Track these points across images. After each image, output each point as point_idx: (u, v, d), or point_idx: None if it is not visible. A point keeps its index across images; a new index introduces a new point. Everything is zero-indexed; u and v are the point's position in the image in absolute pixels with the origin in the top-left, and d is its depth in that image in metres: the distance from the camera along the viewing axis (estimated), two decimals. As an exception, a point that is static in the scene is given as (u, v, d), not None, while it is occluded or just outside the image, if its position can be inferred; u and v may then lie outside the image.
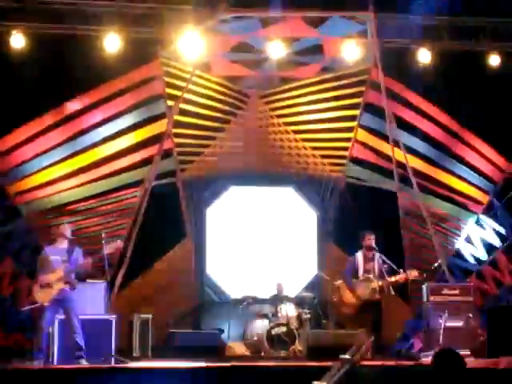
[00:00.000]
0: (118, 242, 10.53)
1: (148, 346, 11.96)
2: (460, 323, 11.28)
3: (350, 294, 11.59)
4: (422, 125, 13.72)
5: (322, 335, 11.44)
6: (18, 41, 12.15)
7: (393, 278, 11.43)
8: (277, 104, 14.18)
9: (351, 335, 10.73)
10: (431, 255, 13.57)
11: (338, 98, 13.90)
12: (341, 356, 8.19)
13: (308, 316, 12.84)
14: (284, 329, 12.30)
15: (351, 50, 12.92)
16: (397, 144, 13.37)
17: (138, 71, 12.96)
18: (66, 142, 12.92)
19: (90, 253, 10.60)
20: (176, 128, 13.62)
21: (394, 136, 13.38)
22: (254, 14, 12.44)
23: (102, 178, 13.25)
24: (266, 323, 12.54)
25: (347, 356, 8.37)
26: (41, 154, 12.83)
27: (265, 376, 8.97)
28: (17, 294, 12.50)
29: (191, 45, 12.36)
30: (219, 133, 14.17)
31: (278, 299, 13.00)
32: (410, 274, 11.61)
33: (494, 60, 13.07)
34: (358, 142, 14.22)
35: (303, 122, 14.25)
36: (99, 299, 11.03)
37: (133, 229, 13.03)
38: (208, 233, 14.73)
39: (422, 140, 13.79)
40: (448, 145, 13.84)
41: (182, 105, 13.39)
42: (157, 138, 13.34)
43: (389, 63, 12.94)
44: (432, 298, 11.54)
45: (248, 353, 12.42)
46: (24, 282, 12.34)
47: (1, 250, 12.55)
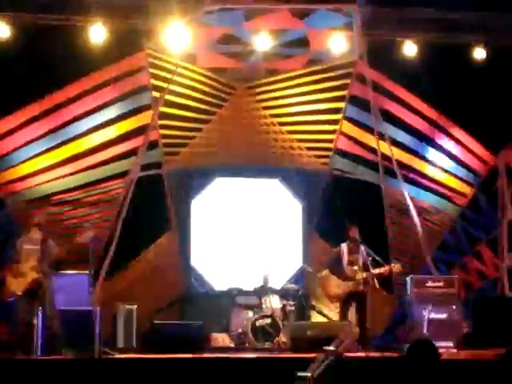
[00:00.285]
0: (89, 232, 10.43)
1: (132, 336, 11.97)
2: (444, 315, 11.35)
3: (335, 286, 11.63)
4: (407, 117, 13.75)
5: (306, 327, 11.47)
6: (2, 30, 12.08)
7: (377, 270, 11.48)
8: (263, 96, 14.16)
9: (335, 327, 10.77)
10: (416, 248, 13.62)
11: (323, 91, 13.90)
12: (325, 348, 8.23)
13: (292, 308, 12.88)
14: (268, 320, 12.33)
15: (337, 43, 12.91)
16: (382, 136, 13.40)
17: (123, 62, 12.91)
18: (50, 132, 12.86)
19: (68, 243, 10.58)
20: (162, 119, 13.58)
21: (380, 128, 13.41)
22: (239, 6, 12.41)
23: (86, 168, 13.21)
24: (250, 315, 12.57)
25: (331, 348, 8.41)
26: (25, 144, 12.77)
27: (249, 367, 9.01)
28: (1, 285, 12.44)
29: (177, 36, 12.32)
30: (205, 124, 14.14)
31: (262, 291, 13.03)
32: (394, 266, 11.66)
33: (479, 53, 13.11)
34: (343, 134, 14.23)
35: (289, 114, 14.25)
36: (83, 290, 11.02)
37: (117, 220, 13.00)
38: (193, 224, 14.73)
39: (406, 132, 13.83)
40: (433, 137, 13.90)
41: (167, 96, 13.36)
42: (142, 130, 13.30)
43: (374, 56, 12.96)
44: (416, 290, 11.60)
45: (232, 344, 12.45)
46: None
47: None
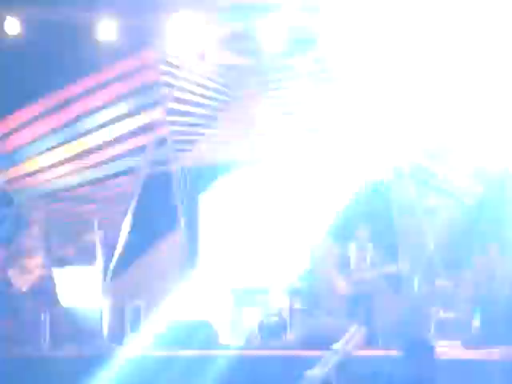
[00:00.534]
0: (98, 233, 10.43)
1: (140, 334, 11.95)
2: (452, 314, 11.31)
3: (342, 285, 11.60)
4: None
5: (313, 325, 11.44)
6: (12, 26, 12.07)
7: (385, 269, 11.44)
8: (271, 93, 14.13)
9: (343, 326, 10.73)
10: (424, 246, 13.58)
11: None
12: (333, 346, 8.19)
13: (300, 306, 12.85)
14: (276, 319, 12.30)
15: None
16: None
17: (132, 59, 12.92)
18: (59, 128, 12.88)
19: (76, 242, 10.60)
20: (171, 116, 13.58)
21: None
22: (250, 2, 12.39)
23: (95, 165, 13.22)
24: (258, 313, 12.54)
25: (339, 346, 8.37)
26: (33, 140, 12.79)
27: (257, 365, 8.99)
28: (8, 280, 12.45)
29: (186, 33, 12.30)
30: (214, 121, 14.13)
31: (270, 289, 13.00)
32: (403, 265, 11.63)
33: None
34: (352, 132, 14.19)
35: (300, 112, 14.21)
36: (90, 287, 11.01)
37: (126, 217, 13.00)
38: (201, 221, 14.70)
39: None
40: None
41: (176, 93, 13.35)
42: (151, 126, 13.30)
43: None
44: (424, 289, 11.57)
45: (240, 342, 12.42)
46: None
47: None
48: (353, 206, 13.70)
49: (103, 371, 8.78)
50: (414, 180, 13.50)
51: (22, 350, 9.61)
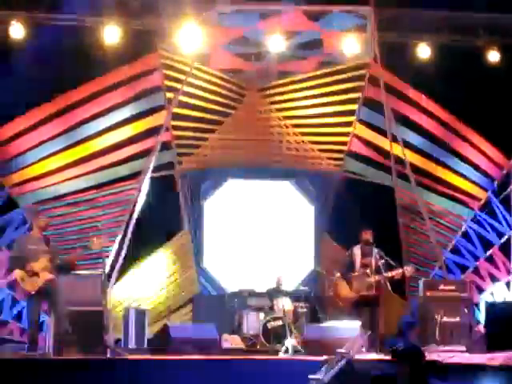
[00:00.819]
0: (102, 241, 10.40)
1: (144, 338, 11.96)
2: (456, 319, 11.30)
3: (347, 289, 11.57)
4: (421, 120, 13.71)
5: (318, 329, 11.44)
6: (17, 30, 12.10)
7: (389, 273, 11.41)
8: (275, 98, 14.15)
9: (347, 330, 10.73)
10: (428, 251, 13.59)
11: (336, 93, 13.88)
12: (336, 350, 8.20)
13: (304, 310, 12.85)
14: (280, 322, 12.29)
15: (350, 45, 12.88)
16: (395, 139, 13.38)
17: (136, 63, 12.96)
18: (63, 132, 12.91)
19: (82, 246, 10.60)
20: (175, 120, 13.60)
21: (393, 131, 13.38)
22: (253, 7, 12.42)
23: (99, 169, 13.24)
24: (262, 317, 12.54)
25: (343, 350, 8.38)
26: (38, 144, 12.82)
27: (261, 369, 8.98)
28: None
29: (190, 37, 12.33)
30: (218, 126, 14.15)
31: (274, 293, 13.00)
32: (407, 269, 11.61)
33: (493, 56, 13.05)
34: (356, 136, 14.20)
35: (302, 116, 14.23)
36: (95, 291, 11.00)
37: (130, 221, 13.03)
38: (205, 226, 14.72)
39: (420, 135, 13.78)
40: (447, 140, 13.84)
41: (180, 97, 13.37)
42: (155, 130, 13.33)
43: (388, 58, 12.93)
44: (428, 294, 11.55)
45: (244, 346, 12.42)
46: (20, 272, 12.33)
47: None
48: (356, 209, 13.74)
49: (107, 374, 8.79)
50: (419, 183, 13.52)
51: (25, 353, 9.61)
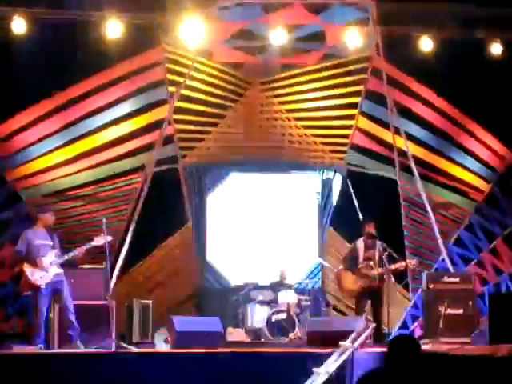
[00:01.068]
0: (107, 236, 10.44)
1: (148, 331, 11.99)
2: (460, 311, 11.31)
3: (350, 281, 11.60)
4: (424, 112, 13.69)
5: (322, 322, 11.46)
6: (19, 26, 12.09)
7: (393, 266, 11.43)
8: (278, 91, 14.15)
9: (351, 322, 10.75)
10: (432, 243, 13.59)
11: (339, 86, 13.86)
12: (341, 343, 8.22)
13: (308, 303, 12.88)
14: (284, 315, 12.33)
15: (353, 38, 12.85)
16: (398, 132, 13.38)
17: (139, 57, 12.94)
18: (66, 127, 12.90)
19: (89, 239, 10.61)
20: (177, 114, 13.60)
21: (396, 124, 13.37)
22: (255, 1, 12.41)
23: (102, 163, 13.25)
24: (266, 310, 12.56)
25: (347, 343, 8.40)
26: (41, 139, 12.81)
27: (265, 362, 9.00)
28: (17, 278, 12.50)
29: (193, 31, 12.32)
30: (220, 119, 14.15)
31: (278, 286, 13.02)
32: (410, 262, 11.63)
33: (496, 48, 13.03)
34: (359, 129, 14.19)
35: (305, 110, 14.22)
36: (99, 285, 11.03)
37: (133, 215, 13.04)
38: (209, 219, 14.73)
39: (423, 128, 13.77)
40: (449, 133, 13.82)
41: (183, 91, 13.37)
42: (158, 124, 13.32)
43: (390, 51, 12.92)
44: (432, 286, 11.57)
45: (248, 339, 12.45)
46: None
47: (1, 236, 12.57)
48: (359, 202, 13.76)
49: (111, 368, 8.81)
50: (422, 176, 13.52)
51: (31, 348, 9.64)
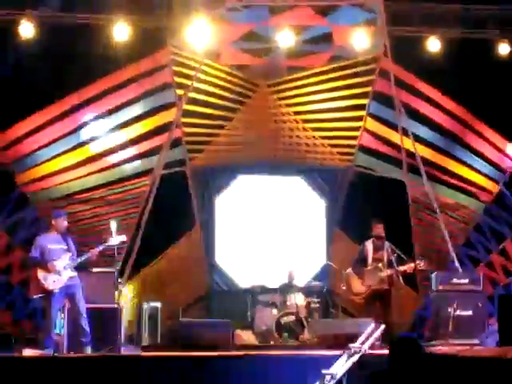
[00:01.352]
0: (122, 236, 10.49)
1: (157, 334, 12.00)
2: (469, 312, 11.28)
3: (359, 283, 11.58)
4: (432, 113, 13.67)
5: (330, 324, 11.44)
6: (26, 29, 12.12)
7: (402, 268, 11.42)
8: (286, 93, 14.14)
9: (360, 324, 10.73)
10: (440, 244, 13.57)
11: (347, 87, 13.84)
12: (350, 345, 8.20)
13: (317, 305, 12.86)
14: (293, 318, 12.31)
15: (360, 39, 12.83)
16: (406, 133, 13.35)
17: (146, 60, 12.96)
18: (75, 131, 12.95)
19: (99, 242, 10.62)
20: (185, 117, 13.61)
21: (403, 125, 13.35)
22: (262, 3, 12.41)
23: (111, 167, 13.28)
24: (274, 312, 12.55)
25: (356, 345, 8.37)
26: (50, 143, 12.86)
27: (275, 365, 8.99)
28: (26, 282, 12.53)
29: (200, 33, 12.32)
30: (228, 122, 14.15)
31: (286, 288, 13.01)
32: (419, 263, 11.61)
33: (504, 48, 13.02)
34: (367, 130, 14.18)
35: (312, 111, 14.21)
36: (108, 288, 11.03)
37: (142, 218, 13.05)
38: (217, 222, 14.73)
39: (430, 129, 13.75)
40: (457, 134, 13.81)
41: (190, 94, 13.38)
42: (166, 127, 13.34)
43: (398, 51, 12.90)
44: (441, 287, 11.54)
45: (257, 342, 12.44)
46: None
47: (10, 239, 12.60)
48: (368, 204, 13.73)
49: (120, 371, 8.81)
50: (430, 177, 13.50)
51: (40, 351, 9.65)
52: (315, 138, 14.41)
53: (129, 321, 12.17)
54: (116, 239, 10.33)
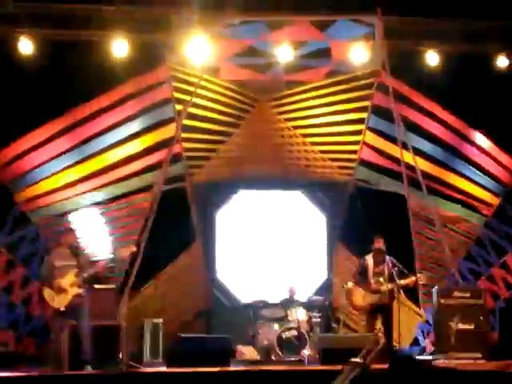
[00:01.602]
0: (131, 247, 10.52)
1: (159, 351, 11.97)
2: (471, 326, 11.25)
3: (360, 297, 11.57)
4: (431, 127, 13.69)
5: (332, 339, 11.42)
6: (25, 46, 12.16)
7: (403, 282, 11.40)
8: (285, 108, 14.16)
9: (362, 338, 10.71)
10: (441, 258, 13.55)
11: (346, 101, 13.87)
12: (351, 359, 8.17)
13: (318, 320, 12.82)
14: (294, 333, 12.28)
15: (359, 53, 12.89)
16: (405, 146, 13.35)
17: (145, 76, 12.98)
18: (74, 147, 12.94)
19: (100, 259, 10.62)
20: (185, 132, 13.62)
21: (403, 138, 13.36)
22: (261, 18, 12.45)
23: (111, 183, 13.27)
24: (276, 327, 12.52)
25: (358, 359, 8.35)
26: (50, 160, 12.85)
27: (276, 380, 8.98)
28: (28, 300, 12.52)
29: (199, 49, 12.37)
30: (228, 137, 14.16)
31: (288, 303, 12.99)
32: (420, 277, 11.59)
33: (502, 61, 13.05)
34: (366, 144, 14.19)
35: (311, 126, 14.23)
36: (109, 305, 11.02)
37: (142, 234, 13.03)
38: (218, 237, 14.72)
39: (430, 142, 13.77)
40: (457, 147, 13.82)
41: (190, 109, 13.39)
42: (165, 143, 13.34)
43: (396, 65, 12.93)
44: (442, 301, 11.51)
45: (258, 357, 12.41)
46: (35, 288, 12.40)
47: (11, 257, 12.59)
48: (368, 218, 13.71)
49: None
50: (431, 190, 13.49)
51: (43, 369, 9.64)
52: (315, 153, 14.41)
53: (130, 338, 12.13)
54: (125, 250, 10.32)
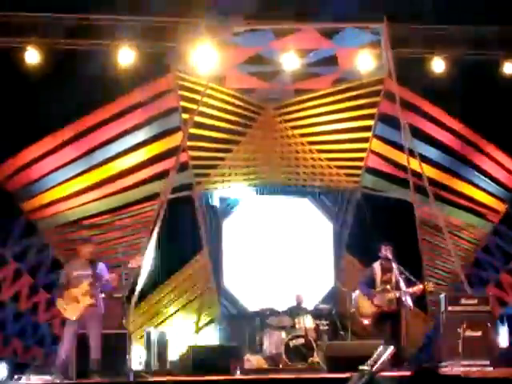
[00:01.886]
0: (140, 256, 10.51)
1: (166, 360, 11.96)
2: (478, 333, 11.21)
3: (368, 305, 11.55)
4: (437, 134, 13.69)
5: (340, 347, 11.40)
6: (32, 56, 12.21)
7: (410, 289, 11.38)
8: (291, 115, 14.17)
9: (369, 346, 10.68)
10: (449, 265, 13.52)
11: (352, 109, 13.88)
12: (359, 367, 8.18)
13: (326, 327, 12.81)
14: (302, 341, 12.27)
15: (365, 61, 12.91)
16: (412, 153, 13.33)
17: (152, 85, 13.00)
18: (81, 156, 12.97)
19: (113, 267, 10.60)
20: (191, 141, 13.62)
21: (410, 146, 13.35)
22: (267, 26, 12.47)
23: (118, 192, 13.28)
24: (283, 335, 12.51)
25: (366, 367, 8.35)
26: (56, 169, 12.88)
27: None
28: (35, 308, 12.54)
29: (205, 57, 12.39)
30: (234, 145, 14.17)
31: (295, 311, 12.98)
32: (428, 284, 11.57)
33: (508, 68, 13.05)
34: (373, 152, 14.18)
35: (318, 133, 14.23)
36: (116, 314, 11.01)
37: (149, 242, 13.04)
38: (225, 245, 14.73)
39: (437, 149, 13.76)
40: (464, 154, 13.82)
41: (196, 118, 13.41)
42: (172, 152, 13.35)
43: (403, 73, 12.93)
44: (450, 308, 11.48)
45: (266, 365, 12.38)
46: (42, 296, 12.42)
47: (18, 266, 12.60)
48: (375, 225, 13.70)
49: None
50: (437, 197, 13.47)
51: (50, 378, 9.62)
52: (321, 160, 14.41)
53: (138, 346, 12.14)
54: (136, 261, 10.32)
